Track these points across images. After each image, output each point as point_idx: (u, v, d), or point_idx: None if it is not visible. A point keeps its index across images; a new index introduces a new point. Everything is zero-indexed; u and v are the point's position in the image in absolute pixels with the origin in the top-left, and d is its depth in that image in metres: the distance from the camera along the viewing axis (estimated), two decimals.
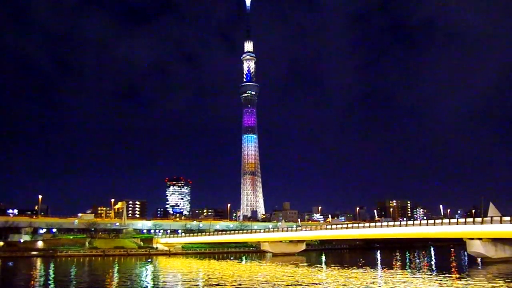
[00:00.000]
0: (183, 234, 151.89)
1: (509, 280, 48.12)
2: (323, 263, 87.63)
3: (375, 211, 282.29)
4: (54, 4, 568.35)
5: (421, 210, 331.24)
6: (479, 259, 77.64)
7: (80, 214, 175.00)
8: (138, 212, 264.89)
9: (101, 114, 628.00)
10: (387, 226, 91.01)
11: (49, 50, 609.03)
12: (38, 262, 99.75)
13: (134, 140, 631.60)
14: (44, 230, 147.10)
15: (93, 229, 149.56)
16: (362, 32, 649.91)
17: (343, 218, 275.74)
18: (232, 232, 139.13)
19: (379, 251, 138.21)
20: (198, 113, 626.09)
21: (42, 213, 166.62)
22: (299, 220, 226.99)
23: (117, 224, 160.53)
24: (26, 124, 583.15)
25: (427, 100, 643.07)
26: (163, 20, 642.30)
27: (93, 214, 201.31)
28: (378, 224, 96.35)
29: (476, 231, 73.22)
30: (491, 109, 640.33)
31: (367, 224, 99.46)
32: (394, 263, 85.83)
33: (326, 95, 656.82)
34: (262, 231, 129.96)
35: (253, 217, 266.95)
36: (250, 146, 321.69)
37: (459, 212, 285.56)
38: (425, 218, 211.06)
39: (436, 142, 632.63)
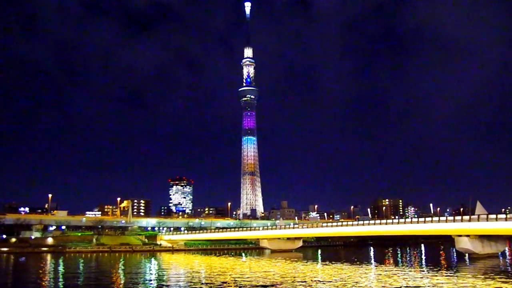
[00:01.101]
0: (185, 231, 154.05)
1: (494, 275, 49.99)
2: (319, 259, 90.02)
3: (369, 209, 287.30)
4: (61, 13, 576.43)
5: (412, 208, 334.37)
6: (466, 255, 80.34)
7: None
8: (142, 211, 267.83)
9: (107, 118, 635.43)
10: (380, 223, 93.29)
11: (57, 57, 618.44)
12: (48, 257, 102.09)
13: (139, 142, 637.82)
14: (54, 227, 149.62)
15: (100, 226, 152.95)
16: (354, 39, 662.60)
17: (338, 216, 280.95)
18: (232, 229, 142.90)
19: (372, 247, 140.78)
20: (199, 116, 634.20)
21: (52, 211, 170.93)
22: (296, 218, 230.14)
23: (123, 221, 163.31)
24: (37, 127, 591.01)
25: (417, 103, 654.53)
26: (165, 28, 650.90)
27: (100, 212, 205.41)
28: (372, 222, 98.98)
29: (464, 229, 75.96)
30: (478, 112, 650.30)
31: (360, 222, 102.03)
32: (386, 259, 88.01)
33: (321, 99, 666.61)
34: (261, 228, 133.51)
35: (252, 215, 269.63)
36: (249, 148, 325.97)
37: (448, 210, 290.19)
38: (416, 216, 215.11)
39: (426, 144, 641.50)
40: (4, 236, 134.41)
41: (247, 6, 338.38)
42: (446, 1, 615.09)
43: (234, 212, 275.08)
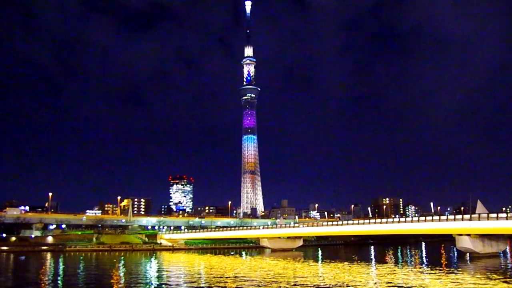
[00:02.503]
0: (186, 230, 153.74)
1: (495, 275, 50.22)
2: (320, 258, 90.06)
3: (369, 208, 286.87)
4: (60, 11, 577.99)
5: (413, 207, 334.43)
6: (467, 254, 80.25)
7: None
8: (143, 209, 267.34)
9: (107, 116, 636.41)
10: (381, 223, 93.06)
11: (56, 56, 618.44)
12: (48, 256, 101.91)
13: (139, 141, 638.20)
14: (54, 226, 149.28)
15: (100, 225, 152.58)
16: (353, 37, 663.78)
17: (338, 215, 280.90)
18: (233, 228, 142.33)
19: (373, 246, 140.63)
20: (199, 115, 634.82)
21: (52, 210, 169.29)
22: (296, 217, 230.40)
23: (123, 220, 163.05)
24: (37, 125, 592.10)
25: (417, 101, 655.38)
26: (163, 26, 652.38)
27: (100, 211, 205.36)
28: (372, 221, 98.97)
29: (465, 228, 75.70)
30: (478, 111, 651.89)
31: (361, 221, 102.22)
32: (387, 258, 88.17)
33: (321, 98, 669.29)
34: (261, 227, 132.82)
35: (253, 214, 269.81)
36: (250, 146, 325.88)
37: (448, 209, 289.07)
38: (416, 215, 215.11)
39: (426, 142, 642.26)
40: (4, 235, 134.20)
41: (248, 5, 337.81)
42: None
43: (235, 211, 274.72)
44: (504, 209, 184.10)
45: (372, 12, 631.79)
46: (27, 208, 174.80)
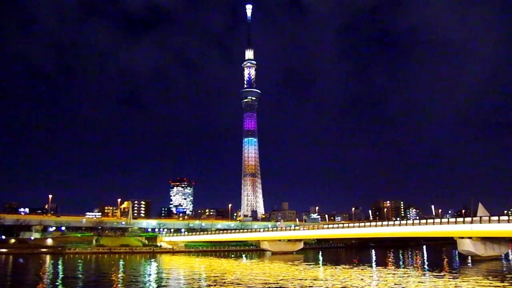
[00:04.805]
0: (186, 233, 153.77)
1: (498, 278, 49.65)
2: (320, 261, 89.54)
3: (370, 211, 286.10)
4: (59, 14, 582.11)
5: (414, 210, 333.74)
6: (469, 257, 79.56)
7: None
8: (143, 212, 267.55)
9: (107, 118, 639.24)
10: (382, 225, 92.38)
11: (56, 59, 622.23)
12: (48, 258, 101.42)
13: (140, 143, 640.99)
14: (54, 228, 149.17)
15: (100, 227, 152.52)
16: (351, 41, 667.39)
17: (339, 218, 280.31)
18: (233, 231, 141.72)
19: (373, 249, 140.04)
20: (200, 117, 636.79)
21: (52, 212, 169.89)
22: (297, 220, 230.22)
23: (123, 223, 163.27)
24: (37, 128, 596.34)
25: (416, 104, 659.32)
26: (163, 30, 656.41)
27: (100, 213, 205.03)
28: (373, 223, 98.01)
29: (466, 230, 75.14)
30: (477, 113, 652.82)
31: (362, 224, 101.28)
32: (388, 261, 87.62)
33: (320, 100, 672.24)
34: (261, 230, 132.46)
35: (253, 217, 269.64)
36: (250, 149, 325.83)
37: (449, 212, 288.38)
38: (417, 218, 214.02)
39: (427, 145, 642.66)
40: (4, 237, 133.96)
41: (248, 8, 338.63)
42: (441, 2, 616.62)
43: (235, 214, 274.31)
44: (505, 211, 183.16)
45: (369, 15, 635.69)
46: (26, 210, 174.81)
